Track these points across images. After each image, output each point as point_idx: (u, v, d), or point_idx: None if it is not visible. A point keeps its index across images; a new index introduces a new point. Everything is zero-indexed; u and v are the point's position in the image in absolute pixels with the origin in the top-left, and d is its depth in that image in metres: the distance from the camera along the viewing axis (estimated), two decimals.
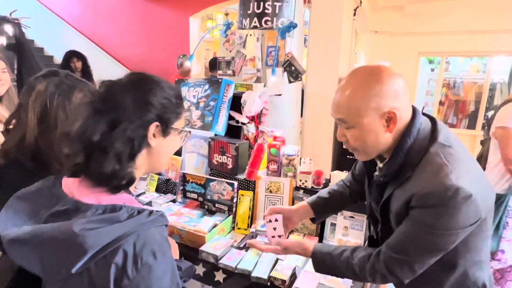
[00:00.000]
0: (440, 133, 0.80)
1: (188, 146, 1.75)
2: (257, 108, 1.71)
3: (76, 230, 0.57)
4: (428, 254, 0.78)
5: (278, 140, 1.55)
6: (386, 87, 0.78)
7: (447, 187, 0.71)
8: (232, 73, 1.91)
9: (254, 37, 1.78)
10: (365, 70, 0.83)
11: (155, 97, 0.70)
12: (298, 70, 1.67)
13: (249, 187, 1.51)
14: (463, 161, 0.77)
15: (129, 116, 0.66)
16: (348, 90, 0.81)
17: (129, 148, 0.66)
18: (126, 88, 0.69)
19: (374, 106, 0.78)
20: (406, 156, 0.80)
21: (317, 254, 0.94)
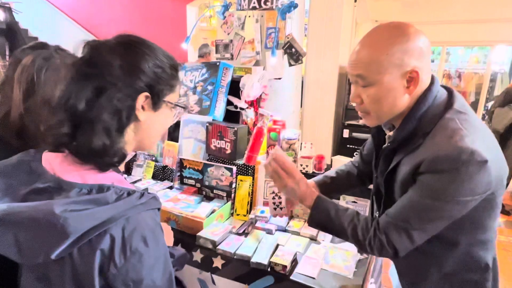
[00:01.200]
0: (456, 100, 0.77)
1: (185, 132, 1.70)
2: (256, 93, 1.66)
3: (57, 211, 0.51)
4: (430, 223, 0.74)
5: (278, 124, 1.49)
6: (412, 43, 0.73)
7: (462, 150, 0.67)
8: (230, 57, 1.85)
9: (253, 18, 1.71)
10: (390, 25, 0.77)
11: (146, 63, 0.62)
12: (299, 52, 1.61)
13: (248, 172, 1.46)
14: (479, 128, 0.73)
15: (116, 82, 0.59)
16: (371, 43, 0.75)
17: (117, 120, 0.59)
18: (115, 50, 0.61)
19: (397, 63, 0.73)
20: (418, 123, 0.76)
21: (322, 200, 0.87)
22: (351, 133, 3.30)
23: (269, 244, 1.18)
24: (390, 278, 1.15)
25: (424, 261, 0.85)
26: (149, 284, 0.56)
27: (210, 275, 1.19)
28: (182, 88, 1.84)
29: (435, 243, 0.77)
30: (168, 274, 0.60)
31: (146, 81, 0.62)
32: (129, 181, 1.69)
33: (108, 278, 0.53)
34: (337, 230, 0.86)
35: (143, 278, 0.55)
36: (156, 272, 0.57)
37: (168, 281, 0.60)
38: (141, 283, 0.55)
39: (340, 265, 1.10)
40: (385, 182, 0.85)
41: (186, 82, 1.84)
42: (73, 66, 0.60)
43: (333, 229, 0.87)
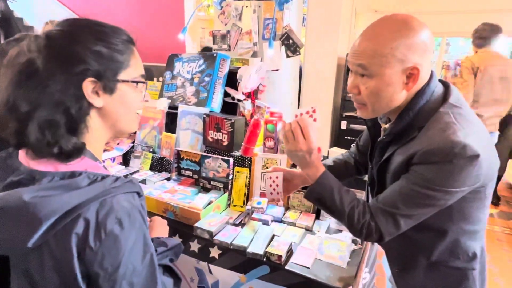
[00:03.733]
0: (451, 94, 0.78)
1: (183, 123, 1.70)
2: (254, 84, 1.66)
3: (26, 198, 0.50)
4: (417, 209, 0.75)
5: (275, 116, 1.50)
6: (418, 38, 0.73)
7: (454, 143, 0.68)
8: (227, 48, 1.84)
9: (250, 8, 1.70)
10: (396, 17, 0.76)
11: (80, 45, 0.57)
12: (297, 43, 1.60)
13: (245, 164, 1.47)
14: (472, 122, 0.75)
15: (53, 75, 0.55)
16: (377, 35, 0.75)
17: (65, 113, 0.57)
18: (48, 41, 0.57)
19: (400, 58, 0.73)
20: (415, 117, 0.78)
21: (328, 177, 0.86)
22: (349, 124, 3.31)
23: (265, 235, 1.20)
24: (383, 266, 1.18)
25: (413, 249, 0.87)
26: (129, 267, 0.55)
27: (207, 264, 1.21)
28: (179, 79, 1.84)
29: (424, 232, 0.79)
30: (148, 257, 0.59)
31: (85, 66, 0.57)
32: (127, 172, 1.71)
33: (86, 262, 0.52)
34: (335, 208, 0.85)
35: (120, 261, 0.54)
36: (135, 255, 0.56)
37: (149, 265, 0.59)
38: (118, 267, 0.54)
39: (335, 255, 1.12)
40: (377, 172, 0.87)
41: (183, 73, 1.83)
42: (11, 67, 0.57)
43: (331, 206, 0.85)
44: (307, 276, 1.03)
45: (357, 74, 0.80)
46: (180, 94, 1.82)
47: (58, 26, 0.59)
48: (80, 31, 0.59)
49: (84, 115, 0.59)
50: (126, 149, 1.84)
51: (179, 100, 1.80)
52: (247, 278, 1.14)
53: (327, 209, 0.88)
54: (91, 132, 0.62)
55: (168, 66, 1.91)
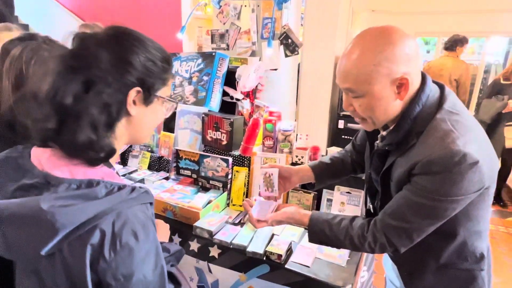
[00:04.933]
0: (447, 99, 0.77)
1: (181, 123, 1.70)
2: (252, 84, 1.66)
3: (44, 207, 0.50)
4: (427, 221, 0.76)
5: (274, 115, 1.50)
6: (398, 50, 0.72)
7: (454, 153, 0.68)
8: (226, 47, 1.84)
9: (249, 8, 1.70)
10: (374, 32, 0.75)
11: (137, 57, 0.60)
12: (295, 43, 1.60)
13: (244, 163, 1.48)
14: (470, 128, 0.74)
15: (106, 76, 0.57)
16: (356, 54, 0.74)
17: (106, 115, 0.58)
18: (104, 43, 0.59)
19: (385, 72, 0.72)
20: (413, 124, 0.77)
21: (315, 222, 0.91)
22: (347, 123, 3.32)
23: (265, 234, 1.20)
24: (384, 267, 1.18)
25: (422, 253, 0.87)
26: (140, 278, 0.56)
27: (207, 264, 1.21)
28: (178, 78, 1.83)
29: (432, 235, 0.79)
30: (159, 268, 0.60)
31: (137, 75, 0.61)
32: (125, 172, 1.70)
33: (98, 272, 0.52)
34: (336, 244, 0.90)
35: (133, 272, 0.55)
36: (147, 266, 0.57)
37: (160, 276, 0.60)
38: (131, 278, 0.54)
39: (334, 254, 1.13)
40: (381, 180, 0.86)
41: (182, 72, 1.82)
42: (60, 59, 0.58)
43: (334, 245, 0.91)
44: (307, 275, 1.03)
45: (349, 95, 0.80)
46: (179, 93, 1.81)
47: (116, 31, 0.62)
48: (138, 42, 0.62)
49: (117, 120, 0.61)
50: (124, 148, 1.83)
51: (178, 99, 1.80)
52: (247, 277, 1.14)
53: (332, 245, 0.92)
54: (114, 138, 0.62)
55: None
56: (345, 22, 4.07)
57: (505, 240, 2.79)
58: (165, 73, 0.66)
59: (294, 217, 0.95)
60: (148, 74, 0.62)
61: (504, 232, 2.90)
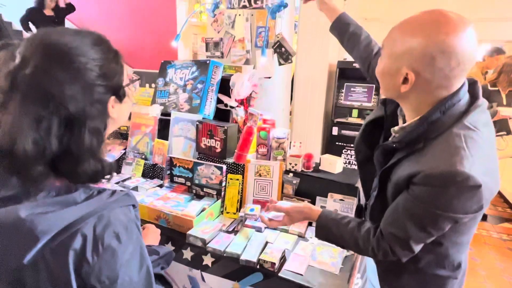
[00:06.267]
0: (470, 113, 0.74)
1: (175, 130, 1.70)
2: (246, 91, 1.67)
3: (23, 215, 0.50)
4: (424, 233, 0.76)
5: (268, 123, 1.51)
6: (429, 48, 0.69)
7: (458, 173, 0.67)
8: (220, 55, 1.85)
9: (243, 17, 1.72)
10: (434, 17, 0.71)
11: (94, 69, 0.57)
12: (289, 51, 1.62)
13: (238, 170, 1.48)
14: (482, 148, 0.72)
15: (82, 107, 0.55)
16: (404, 24, 0.75)
17: (96, 137, 0.57)
18: (53, 72, 0.53)
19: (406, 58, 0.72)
20: (428, 128, 0.75)
21: (324, 218, 0.95)
22: (340, 130, 3.34)
23: (258, 242, 1.21)
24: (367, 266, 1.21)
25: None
26: (126, 279, 0.56)
27: (200, 272, 1.20)
28: (172, 86, 1.84)
29: None
30: (145, 269, 0.60)
31: (105, 87, 0.59)
32: (119, 179, 1.69)
33: (83, 277, 0.52)
34: (340, 243, 0.95)
35: (118, 274, 0.54)
36: (132, 268, 0.57)
37: (146, 277, 0.60)
38: (116, 280, 0.54)
39: (327, 262, 1.13)
40: (380, 177, 0.86)
41: (176, 80, 1.83)
42: (20, 105, 0.51)
43: (338, 243, 0.95)
44: (300, 283, 1.03)
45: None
46: (173, 100, 1.82)
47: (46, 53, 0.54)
48: (79, 53, 0.56)
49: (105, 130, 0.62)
50: (117, 155, 1.82)
51: (172, 107, 1.80)
52: (240, 285, 1.14)
53: (337, 244, 0.96)
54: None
55: (161, 73, 1.91)
56: None
57: (498, 246, 2.81)
58: (122, 66, 0.65)
59: (304, 211, 1.01)
60: (112, 76, 0.61)
61: (497, 238, 2.93)
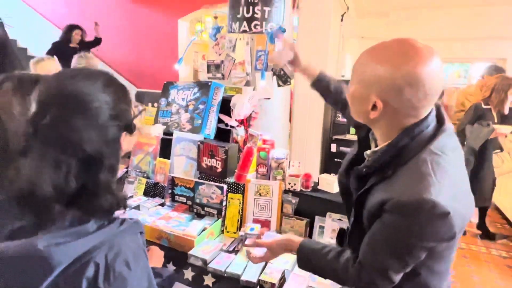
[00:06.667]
0: (436, 139, 0.75)
1: (177, 149, 1.74)
2: (247, 112, 1.72)
3: (41, 246, 0.53)
4: (401, 262, 0.75)
5: (267, 143, 1.55)
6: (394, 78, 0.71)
7: (425, 201, 0.67)
8: (221, 76, 1.92)
9: (243, 41, 1.79)
10: (403, 48, 0.72)
11: (107, 112, 0.61)
12: (287, 74, 1.68)
13: (239, 190, 1.51)
14: (450, 173, 0.72)
15: (98, 147, 0.59)
16: (374, 51, 0.76)
17: (112, 172, 0.62)
18: (71, 120, 0.58)
19: (372, 87, 0.74)
20: (397, 153, 0.76)
21: (303, 250, 0.93)
22: (339, 147, 3.39)
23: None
24: None
25: None
26: None
27: None
28: (174, 106, 1.89)
29: None
30: None
31: (118, 126, 0.64)
32: None
33: None
34: (321, 275, 0.93)
35: None
36: None
37: None
38: None
39: (327, 282, 1.15)
40: (356, 203, 0.86)
41: (178, 100, 1.89)
42: (40, 151, 0.56)
43: (319, 274, 0.94)
44: None
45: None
46: (175, 120, 1.86)
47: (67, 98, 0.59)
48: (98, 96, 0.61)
49: (118, 163, 0.66)
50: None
51: (174, 127, 1.85)
52: None
53: (318, 274, 0.94)
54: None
55: (164, 93, 1.96)
56: (336, 48, 4.23)
57: (497, 263, 2.81)
58: (128, 101, 0.69)
59: (285, 243, 0.98)
60: (122, 116, 0.65)
61: (496, 256, 2.93)
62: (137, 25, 5.02)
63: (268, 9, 1.77)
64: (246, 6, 1.76)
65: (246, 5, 1.76)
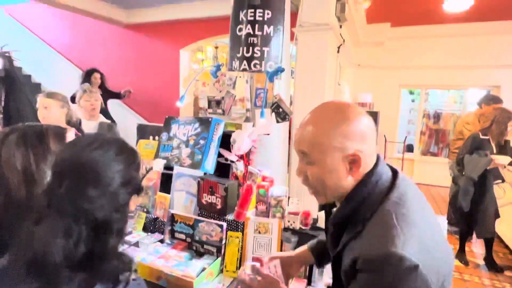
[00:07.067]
0: (396, 189, 0.75)
1: (177, 185, 1.76)
2: (246, 147, 1.76)
3: None
4: None
5: (266, 180, 1.58)
6: (353, 126, 0.75)
7: (390, 255, 0.65)
8: (222, 112, 1.96)
9: (243, 78, 1.85)
10: (331, 106, 0.80)
11: (118, 180, 0.65)
12: (286, 111, 1.74)
13: (238, 228, 1.52)
14: (416, 225, 0.70)
15: (108, 214, 0.62)
16: (313, 124, 0.78)
17: (121, 235, 0.65)
18: (84, 190, 0.60)
19: (338, 146, 0.75)
20: (359, 207, 0.75)
21: None
22: None
23: None
24: None
25: None
26: None
27: None
28: (175, 141, 1.93)
29: None
30: None
31: (128, 192, 0.67)
32: None
33: None
34: None
35: None
36: None
37: None
38: None
39: None
40: (333, 263, 0.85)
41: (179, 135, 1.93)
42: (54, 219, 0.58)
43: None
44: None
45: (302, 160, 0.82)
46: (176, 155, 1.89)
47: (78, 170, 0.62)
48: (107, 165, 0.65)
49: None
50: None
51: (174, 161, 1.87)
52: None
53: None
54: None
55: (165, 127, 2.00)
56: (333, 76, 4.35)
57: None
58: (137, 169, 0.72)
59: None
60: (132, 182, 0.69)
61: (478, 283, 2.84)
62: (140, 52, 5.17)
63: (267, 49, 1.85)
64: (246, 46, 1.83)
65: (246, 46, 1.83)
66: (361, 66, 5.78)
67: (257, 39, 1.80)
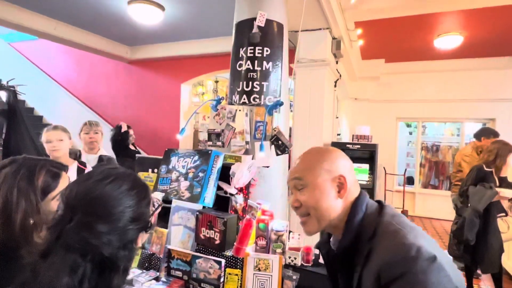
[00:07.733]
0: (386, 209, 0.85)
1: (175, 219, 1.72)
2: (246, 180, 1.74)
3: None
4: None
5: (266, 214, 1.54)
6: (336, 159, 0.90)
7: (408, 246, 0.70)
8: (221, 145, 1.97)
9: (243, 112, 1.88)
10: (316, 148, 0.96)
11: (128, 216, 0.64)
12: (285, 144, 1.74)
13: (237, 265, 1.46)
14: (415, 227, 0.79)
15: (115, 251, 0.61)
16: (306, 159, 0.92)
17: (125, 274, 0.64)
18: (94, 226, 0.59)
19: (327, 168, 0.88)
20: (360, 228, 0.82)
21: None
22: None
23: None
24: None
25: None
26: None
27: None
28: (174, 173, 1.92)
29: None
30: None
31: (138, 228, 0.66)
32: None
33: None
34: None
35: None
36: None
37: None
38: None
39: None
40: None
41: (178, 167, 1.92)
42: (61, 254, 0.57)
43: None
44: None
45: (295, 190, 0.91)
46: (174, 188, 1.87)
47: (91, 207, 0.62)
48: (116, 202, 0.64)
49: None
50: None
51: (173, 194, 1.85)
52: None
53: None
54: None
55: (164, 160, 2.00)
56: (330, 110, 4.44)
57: None
58: (148, 202, 0.71)
59: None
60: (142, 219, 0.68)
61: None
62: (142, 87, 5.30)
63: (266, 84, 1.90)
64: (246, 81, 1.89)
65: (245, 80, 1.89)
66: (358, 99, 5.91)
67: (257, 74, 1.86)
